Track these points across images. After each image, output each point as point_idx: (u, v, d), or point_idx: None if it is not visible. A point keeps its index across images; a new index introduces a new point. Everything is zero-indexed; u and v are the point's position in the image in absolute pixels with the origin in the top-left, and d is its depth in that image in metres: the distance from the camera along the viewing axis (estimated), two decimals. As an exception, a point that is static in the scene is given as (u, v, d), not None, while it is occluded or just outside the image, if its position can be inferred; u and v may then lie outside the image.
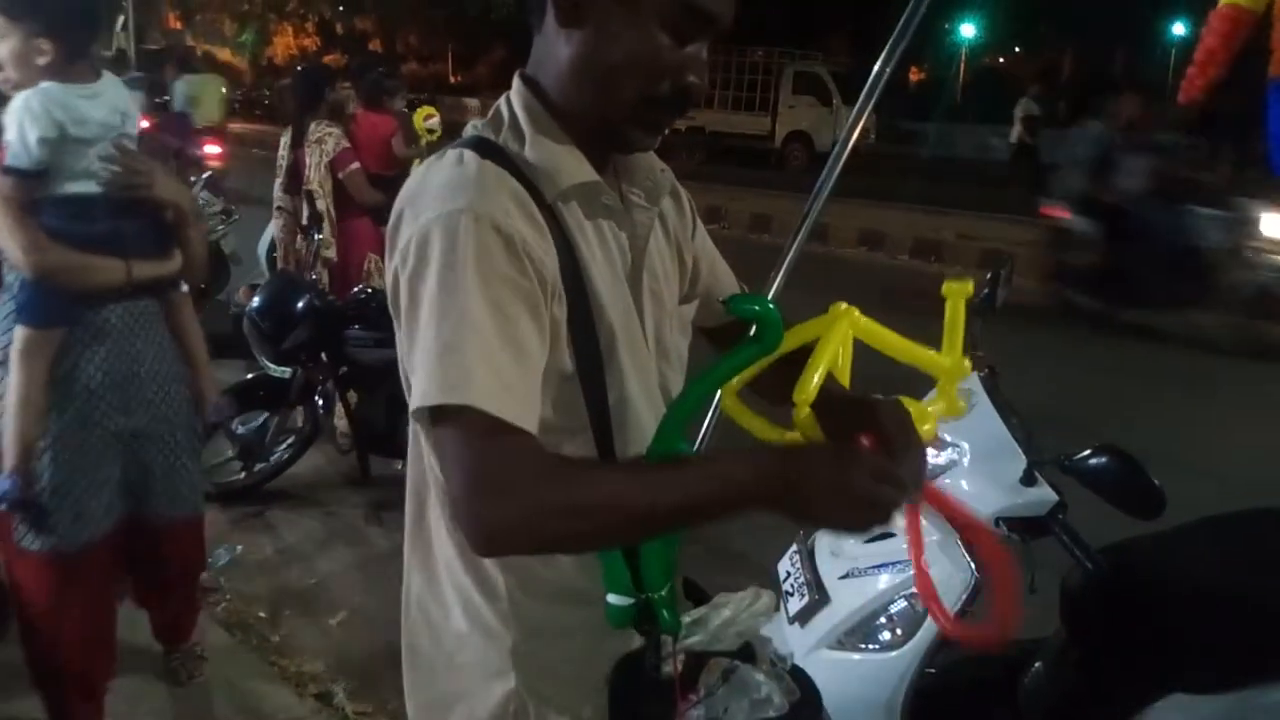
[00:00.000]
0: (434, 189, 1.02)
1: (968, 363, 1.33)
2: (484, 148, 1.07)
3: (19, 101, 2.06)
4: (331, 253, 4.84)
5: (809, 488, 0.97)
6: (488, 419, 0.93)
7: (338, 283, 4.74)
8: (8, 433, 2.17)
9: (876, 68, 1.26)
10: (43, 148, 2.05)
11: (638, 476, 1.01)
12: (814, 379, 1.15)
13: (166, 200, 2.24)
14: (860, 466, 0.98)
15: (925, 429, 1.24)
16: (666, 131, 1.14)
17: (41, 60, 2.07)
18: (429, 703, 1.22)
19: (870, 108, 1.32)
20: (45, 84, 2.07)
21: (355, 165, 4.77)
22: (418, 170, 1.09)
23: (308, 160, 4.76)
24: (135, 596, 2.62)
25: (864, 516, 1.00)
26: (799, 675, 1.21)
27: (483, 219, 0.98)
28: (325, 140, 4.77)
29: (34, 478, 2.19)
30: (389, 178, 4.93)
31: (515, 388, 0.96)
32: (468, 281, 0.96)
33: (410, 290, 1.00)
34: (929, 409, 1.30)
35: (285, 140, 4.96)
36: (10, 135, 2.05)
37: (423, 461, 1.15)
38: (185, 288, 2.40)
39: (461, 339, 0.95)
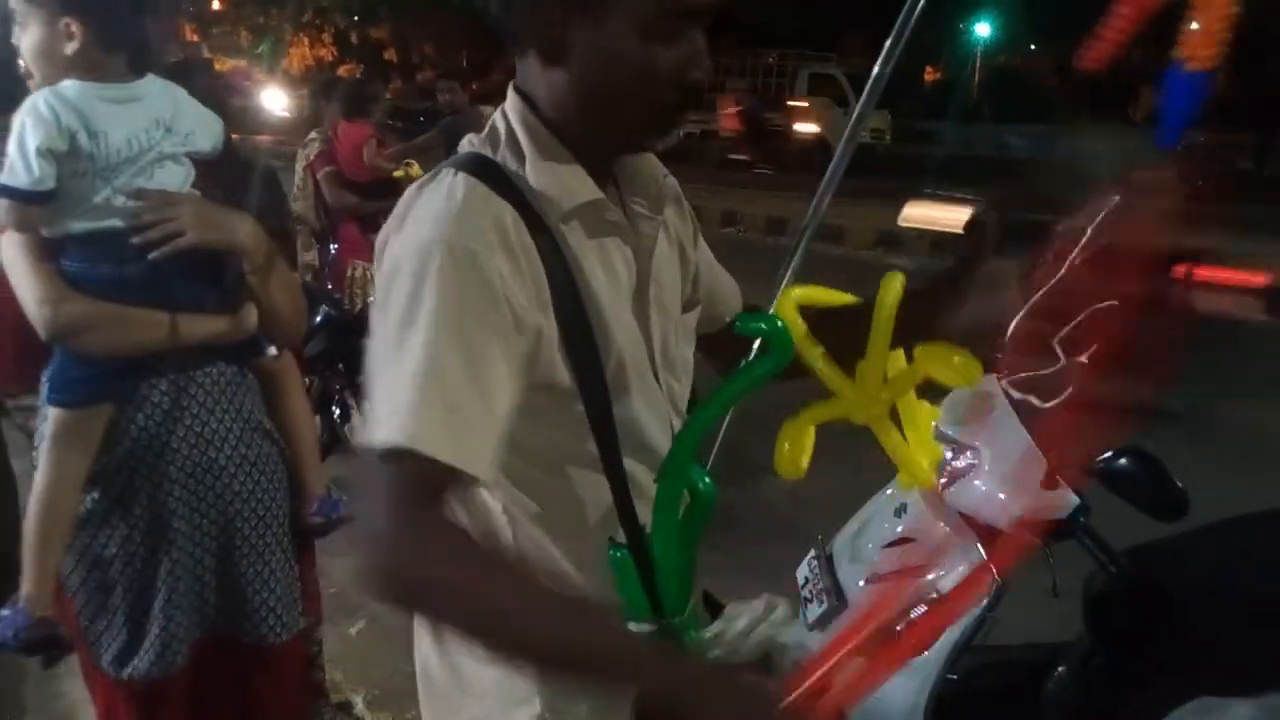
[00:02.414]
0: (417, 215, 1.01)
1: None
2: (480, 168, 1.04)
3: (27, 103, 1.61)
4: (311, 256, 5.07)
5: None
6: (429, 463, 0.92)
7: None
8: (26, 546, 1.69)
9: (875, 69, 1.26)
10: (45, 162, 1.57)
11: (535, 603, 0.94)
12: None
13: (216, 242, 1.69)
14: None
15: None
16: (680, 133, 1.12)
17: (69, 48, 1.61)
18: None
19: (871, 108, 1.31)
20: (66, 82, 1.62)
21: (329, 168, 4.95)
22: (411, 190, 1.06)
23: (297, 166, 4.99)
24: None
25: None
26: None
27: (458, 251, 0.96)
28: (309, 145, 5.02)
29: (57, 610, 1.72)
30: (366, 184, 5.04)
31: (466, 428, 0.94)
32: (431, 316, 0.94)
33: (379, 319, 0.98)
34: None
35: None
36: (10, 145, 1.60)
37: None
38: (274, 350, 1.85)
39: (415, 375, 0.93)
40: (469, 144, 1.11)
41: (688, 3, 1.02)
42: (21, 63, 1.70)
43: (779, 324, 1.09)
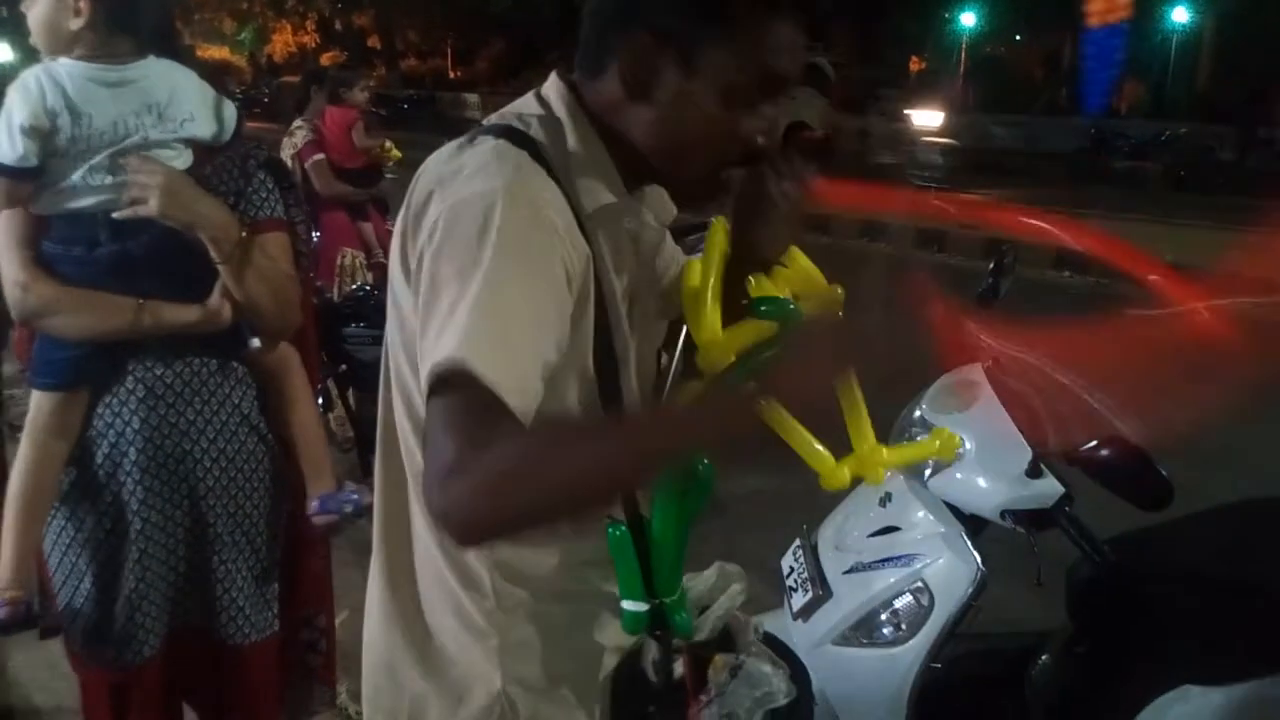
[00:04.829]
0: (468, 171, 0.99)
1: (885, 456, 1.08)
2: (518, 139, 1.03)
3: (20, 78, 1.60)
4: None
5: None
6: (475, 383, 0.88)
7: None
8: (6, 532, 1.70)
9: None
10: (28, 139, 1.56)
11: (596, 428, 0.97)
12: (709, 314, 1.10)
13: (179, 220, 1.63)
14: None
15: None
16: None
17: (75, 23, 1.59)
18: (394, 709, 1.17)
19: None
20: (61, 60, 1.61)
21: (319, 156, 4.88)
22: (446, 153, 1.04)
23: (283, 155, 4.86)
24: None
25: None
26: (774, 643, 1.21)
27: (520, 197, 0.95)
28: (295, 134, 4.92)
29: (36, 593, 1.74)
30: (356, 171, 4.98)
31: (512, 354, 0.92)
32: (494, 252, 0.92)
33: (433, 266, 0.96)
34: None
35: None
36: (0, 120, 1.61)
37: (399, 458, 1.12)
38: (257, 342, 1.76)
39: (473, 302, 0.91)
40: (500, 118, 1.10)
41: (782, 72, 1.04)
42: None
43: (791, 308, 1.09)
